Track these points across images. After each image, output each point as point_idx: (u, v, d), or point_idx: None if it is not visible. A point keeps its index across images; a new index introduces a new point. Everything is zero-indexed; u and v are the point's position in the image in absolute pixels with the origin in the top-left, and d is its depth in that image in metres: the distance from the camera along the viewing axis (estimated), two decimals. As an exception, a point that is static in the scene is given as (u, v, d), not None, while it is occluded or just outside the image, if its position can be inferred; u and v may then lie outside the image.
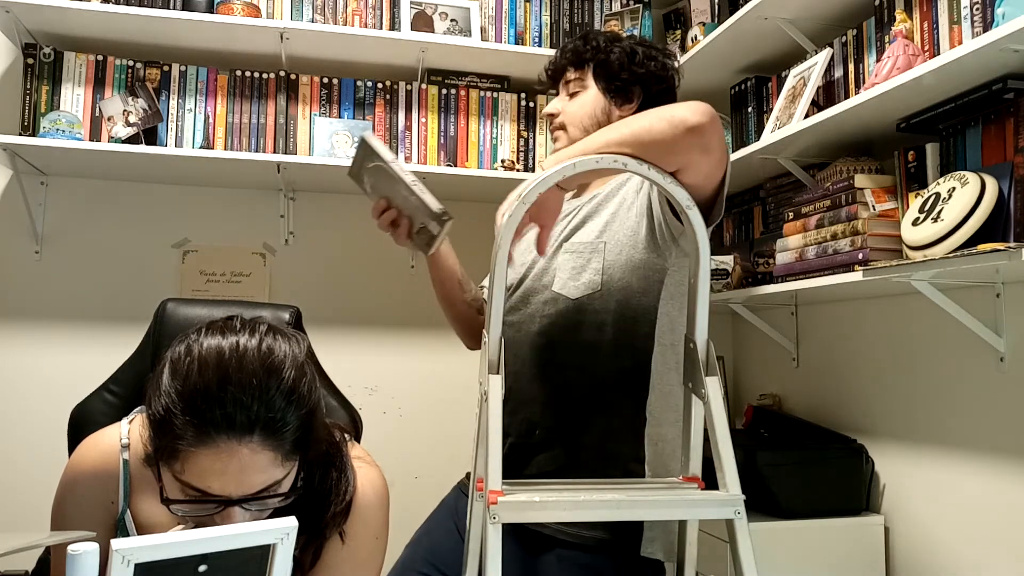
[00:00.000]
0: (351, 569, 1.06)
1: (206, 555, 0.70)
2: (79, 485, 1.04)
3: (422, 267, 2.57)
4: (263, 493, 0.89)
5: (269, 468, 0.88)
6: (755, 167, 2.19)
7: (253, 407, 0.87)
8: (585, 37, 1.48)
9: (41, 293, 2.32)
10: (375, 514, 1.08)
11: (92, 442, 1.07)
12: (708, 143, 1.09)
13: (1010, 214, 1.42)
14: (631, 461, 1.30)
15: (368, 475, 1.09)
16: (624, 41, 1.46)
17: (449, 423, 2.52)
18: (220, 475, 0.86)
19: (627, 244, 1.33)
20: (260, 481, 0.88)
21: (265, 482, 0.89)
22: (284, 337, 0.95)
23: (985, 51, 1.40)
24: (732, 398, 2.68)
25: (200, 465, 0.86)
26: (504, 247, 1.05)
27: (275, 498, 0.90)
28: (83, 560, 0.67)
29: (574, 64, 1.46)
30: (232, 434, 0.86)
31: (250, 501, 0.88)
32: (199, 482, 0.87)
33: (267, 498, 0.90)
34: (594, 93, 1.44)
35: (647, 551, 1.28)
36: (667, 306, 1.33)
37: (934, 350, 1.86)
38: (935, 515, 1.83)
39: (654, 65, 1.45)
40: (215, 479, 0.86)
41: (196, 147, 2.27)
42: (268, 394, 0.88)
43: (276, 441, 0.88)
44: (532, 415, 1.34)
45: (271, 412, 0.87)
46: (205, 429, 0.85)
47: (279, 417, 0.88)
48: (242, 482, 0.87)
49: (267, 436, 0.88)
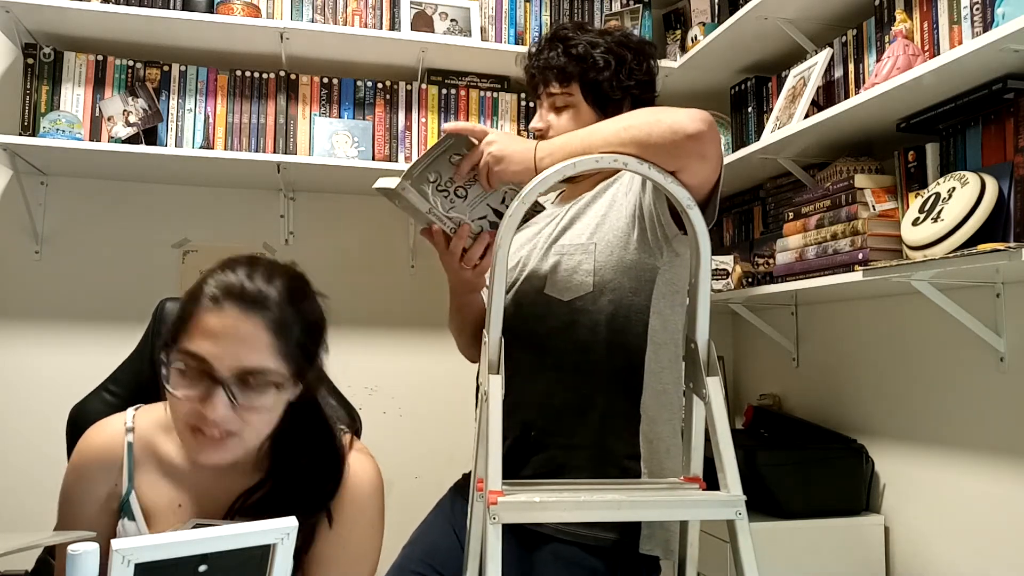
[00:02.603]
0: (345, 562, 1.07)
1: (206, 555, 0.70)
2: (85, 468, 1.07)
3: (422, 267, 2.57)
4: (249, 374, 0.94)
5: (264, 352, 0.95)
6: (755, 167, 2.19)
7: (270, 292, 0.97)
8: (565, 43, 1.40)
9: (41, 293, 2.32)
10: (368, 502, 1.09)
11: (98, 428, 1.10)
12: (705, 151, 1.10)
13: (1010, 214, 1.42)
14: (627, 459, 1.31)
15: (363, 463, 1.11)
16: (603, 43, 1.39)
17: (449, 423, 2.52)
18: (220, 338, 0.94)
19: (618, 245, 1.32)
20: (252, 360, 0.94)
21: (256, 362, 0.94)
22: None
23: (985, 51, 1.40)
24: (732, 398, 2.68)
25: (207, 325, 0.94)
26: (504, 247, 1.05)
27: (258, 387, 0.96)
28: (83, 560, 0.67)
29: (559, 80, 1.40)
30: (243, 305, 0.95)
31: (236, 384, 0.94)
32: (200, 344, 0.94)
33: (252, 383, 0.95)
34: (584, 109, 1.40)
35: (645, 548, 1.28)
36: (660, 305, 1.33)
37: (934, 350, 1.86)
38: (935, 515, 1.83)
39: (642, 73, 1.42)
40: (214, 341, 0.94)
41: (196, 147, 2.27)
42: (284, 290, 0.99)
43: (278, 329, 0.96)
44: (527, 417, 1.34)
45: (281, 308, 0.97)
46: (223, 291, 0.96)
47: (287, 314, 0.98)
48: (236, 353, 0.94)
49: (271, 321, 0.95)
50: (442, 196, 1.21)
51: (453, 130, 1.20)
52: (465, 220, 1.25)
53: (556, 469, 1.31)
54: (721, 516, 0.98)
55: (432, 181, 1.20)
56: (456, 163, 1.20)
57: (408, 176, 1.18)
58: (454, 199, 1.22)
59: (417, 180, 1.19)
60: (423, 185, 1.19)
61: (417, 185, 1.19)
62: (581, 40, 1.40)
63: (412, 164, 1.19)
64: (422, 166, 1.18)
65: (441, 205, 1.22)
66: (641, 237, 1.31)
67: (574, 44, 1.39)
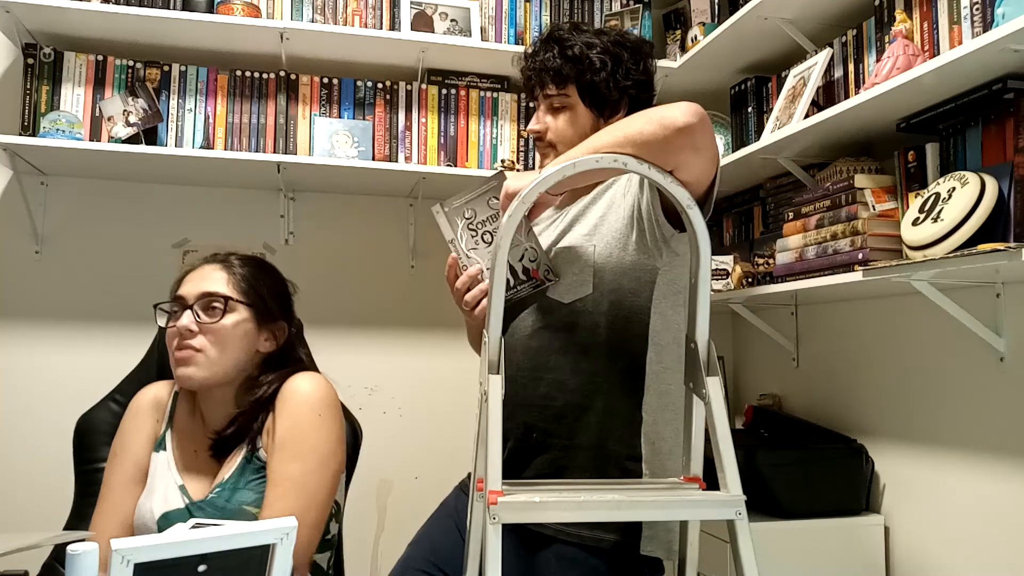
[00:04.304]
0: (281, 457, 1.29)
1: (206, 555, 0.70)
2: (139, 408, 1.43)
3: (422, 267, 2.57)
4: (208, 296, 1.35)
5: (220, 283, 1.38)
6: (755, 167, 2.19)
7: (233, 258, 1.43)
8: (560, 45, 1.40)
9: (41, 293, 2.32)
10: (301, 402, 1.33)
11: (152, 385, 1.48)
12: (697, 142, 1.10)
13: (1010, 214, 1.42)
14: (628, 460, 1.31)
15: (303, 374, 1.38)
16: (599, 43, 1.40)
17: (449, 423, 2.52)
18: (191, 281, 1.39)
19: (616, 247, 1.33)
20: (210, 286, 1.36)
21: (212, 287, 1.36)
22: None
23: (985, 51, 1.40)
24: (732, 398, 2.68)
25: (187, 278, 1.40)
26: (504, 247, 1.05)
27: (218, 312, 1.34)
28: (83, 560, 0.67)
29: (555, 82, 1.40)
30: (210, 260, 1.43)
31: (200, 308, 1.34)
32: (180, 289, 1.38)
33: (212, 307, 1.35)
34: (581, 111, 1.40)
35: (646, 549, 1.28)
36: (660, 305, 1.33)
37: (934, 350, 1.86)
38: (935, 515, 1.83)
39: (639, 72, 1.42)
40: (187, 284, 1.38)
41: (196, 147, 2.27)
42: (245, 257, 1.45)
43: (233, 272, 1.40)
44: (529, 418, 1.34)
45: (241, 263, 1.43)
46: (199, 259, 1.44)
47: (245, 268, 1.42)
48: (199, 285, 1.37)
49: (228, 267, 1.41)
50: (470, 234, 1.28)
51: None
52: (480, 264, 1.29)
53: (557, 471, 1.31)
54: (721, 516, 0.98)
55: (467, 217, 1.28)
56: (493, 207, 1.26)
57: (448, 204, 1.26)
58: (480, 242, 1.29)
59: (454, 210, 1.26)
60: (457, 217, 1.27)
61: (452, 216, 1.27)
62: (577, 41, 1.39)
63: (463, 193, 1.27)
64: (465, 199, 1.26)
65: (464, 242, 1.28)
66: (640, 238, 1.31)
67: (570, 45, 1.39)
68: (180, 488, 1.34)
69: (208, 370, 1.33)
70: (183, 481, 1.36)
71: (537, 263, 1.30)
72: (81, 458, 1.61)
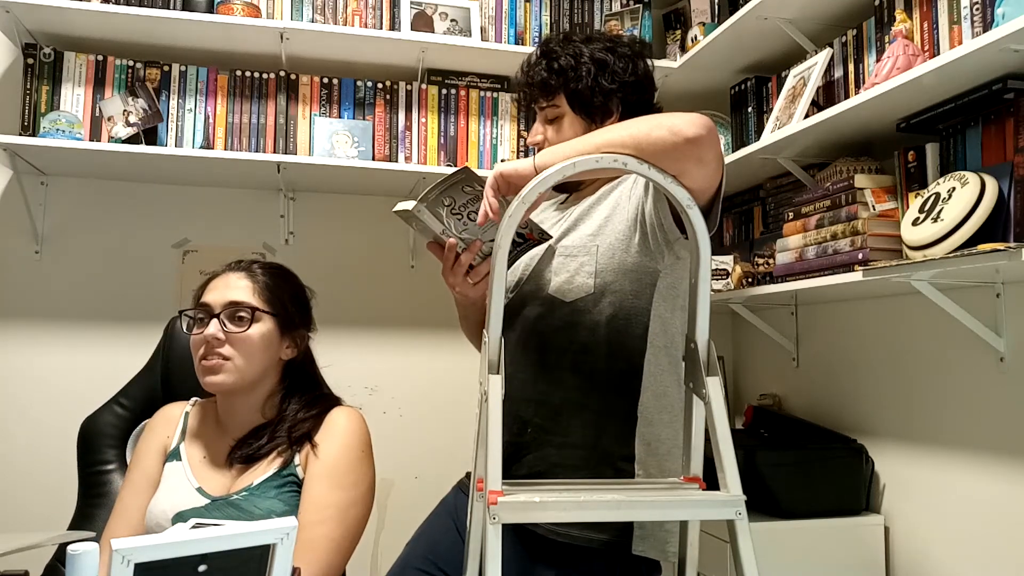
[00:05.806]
0: (327, 484, 1.32)
1: (206, 555, 0.70)
2: (156, 425, 1.48)
3: (422, 267, 2.57)
4: (234, 305, 1.38)
5: (245, 291, 1.40)
6: (755, 167, 2.19)
7: (254, 266, 1.46)
8: (548, 58, 1.43)
9: (41, 293, 2.32)
10: (348, 436, 1.38)
11: (169, 405, 1.52)
12: (703, 155, 1.11)
13: (1010, 214, 1.42)
14: (621, 460, 1.31)
15: (345, 409, 1.43)
16: (588, 50, 1.41)
17: (449, 423, 2.52)
18: (216, 289, 1.41)
19: (619, 248, 1.33)
20: (236, 295, 1.39)
21: (238, 297, 1.39)
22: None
23: (985, 51, 1.40)
24: (732, 398, 2.68)
25: (210, 286, 1.42)
26: (504, 247, 1.05)
27: (244, 321, 1.37)
28: (83, 560, 0.67)
29: (544, 95, 1.44)
30: (234, 268, 1.45)
31: (226, 316, 1.37)
32: (205, 297, 1.40)
33: (238, 316, 1.37)
34: (571, 118, 1.42)
35: (638, 549, 1.28)
36: (660, 308, 1.34)
37: (934, 350, 1.86)
38: (935, 515, 1.83)
39: (627, 74, 1.42)
40: (213, 292, 1.41)
41: (196, 147, 2.27)
42: (268, 265, 1.48)
43: (257, 280, 1.42)
44: (525, 414, 1.35)
45: (263, 271, 1.45)
46: (223, 267, 1.46)
47: (268, 276, 1.44)
48: (224, 294, 1.39)
49: (252, 276, 1.43)
50: (455, 219, 1.28)
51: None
52: (478, 238, 1.30)
53: (550, 467, 1.32)
54: (721, 516, 0.98)
55: (447, 205, 1.27)
56: (470, 192, 1.26)
57: (424, 200, 1.25)
58: (467, 222, 1.29)
59: (432, 204, 1.25)
60: (438, 208, 1.26)
61: (432, 208, 1.26)
62: (564, 53, 1.43)
63: (427, 190, 1.25)
64: (437, 191, 1.25)
65: (454, 227, 1.29)
66: (642, 240, 1.32)
67: (556, 57, 1.43)
68: (197, 490, 1.35)
69: (235, 376, 1.37)
70: (200, 484, 1.36)
71: (530, 229, 1.33)
72: (85, 461, 1.61)
